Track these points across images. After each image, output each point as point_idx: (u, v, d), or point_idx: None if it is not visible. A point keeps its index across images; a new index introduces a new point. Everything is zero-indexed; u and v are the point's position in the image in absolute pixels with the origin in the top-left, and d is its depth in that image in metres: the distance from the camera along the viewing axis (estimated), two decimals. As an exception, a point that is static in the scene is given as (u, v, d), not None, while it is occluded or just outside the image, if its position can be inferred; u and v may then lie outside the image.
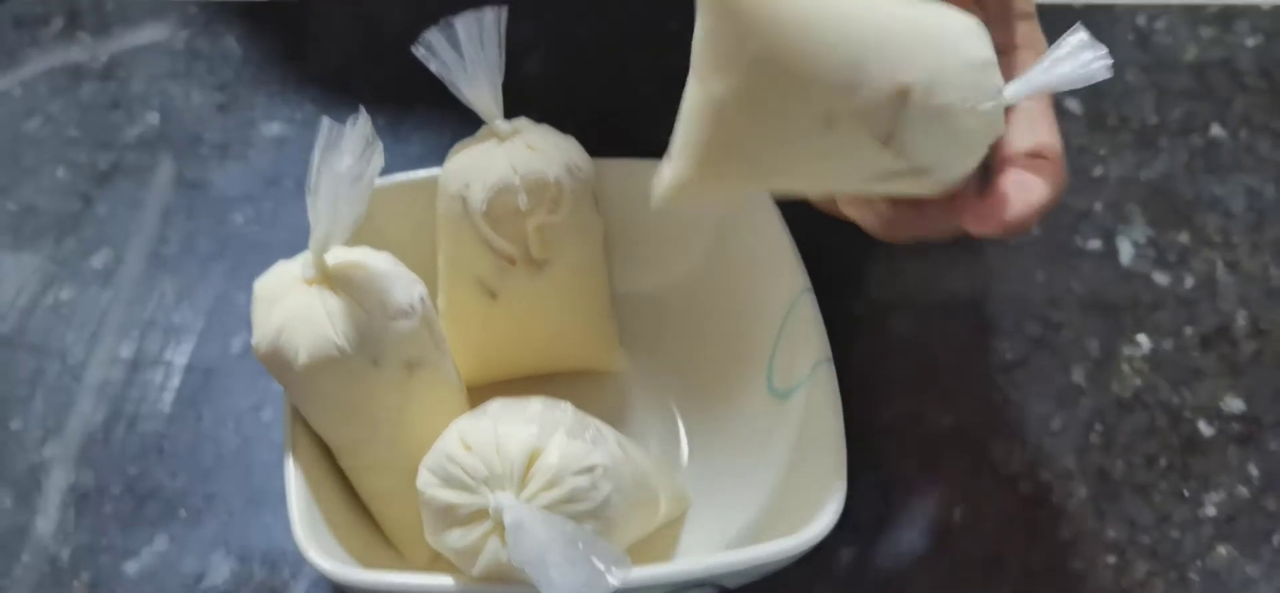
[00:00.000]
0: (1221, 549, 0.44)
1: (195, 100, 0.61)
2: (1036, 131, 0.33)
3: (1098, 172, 0.57)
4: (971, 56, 0.30)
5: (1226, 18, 0.65)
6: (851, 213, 0.36)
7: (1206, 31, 0.64)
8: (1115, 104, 0.60)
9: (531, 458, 0.34)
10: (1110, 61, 0.31)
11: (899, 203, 0.33)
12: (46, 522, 0.44)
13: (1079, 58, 0.30)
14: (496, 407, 0.36)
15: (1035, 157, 0.33)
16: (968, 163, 0.31)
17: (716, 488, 0.43)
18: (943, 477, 0.46)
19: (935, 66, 0.29)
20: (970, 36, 0.31)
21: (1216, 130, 0.59)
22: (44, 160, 0.58)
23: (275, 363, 0.37)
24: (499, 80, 0.41)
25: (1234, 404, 0.48)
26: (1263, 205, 0.55)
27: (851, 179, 0.31)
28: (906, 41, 0.29)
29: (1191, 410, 0.48)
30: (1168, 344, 0.50)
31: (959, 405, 0.48)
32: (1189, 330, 0.50)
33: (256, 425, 0.47)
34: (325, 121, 0.35)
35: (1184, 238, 0.54)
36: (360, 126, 0.35)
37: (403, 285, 0.38)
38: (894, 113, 0.29)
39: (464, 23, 0.40)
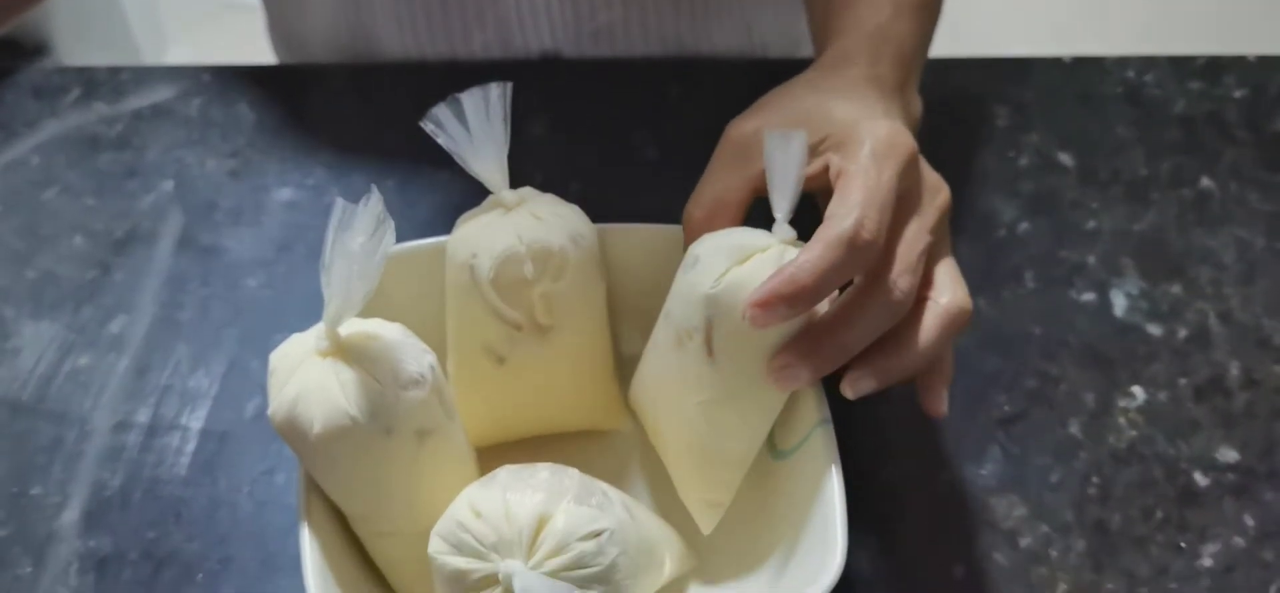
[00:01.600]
0: (1219, 601, 0.45)
1: (209, 167, 0.62)
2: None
3: (1090, 225, 0.58)
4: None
5: (1214, 70, 0.66)
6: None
7: (1195, 84, 0.65)
8: (1107, 159, 0.61)
9: (540, 524, 0.35)
10: (803, 139, 0.39)
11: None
12: (65, 588, 0.45)
13: (787, 154, 0.39)
14: (505, 474, 0.37)
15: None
16: (714, 269, 0.40)
17: (718, 548, 0.44)
18: (944, 534, 0.46)
19: (673, 291, 0.42)
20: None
21: (1206, 182, 0.60)
22: (62, 229, 0.59)
23: (290, 433, 0.38)
24: (504, 154, 0.42)
25: (1229, 455, 0.49)
26: (1253, 256, 0.56)
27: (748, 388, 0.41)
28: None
29: (1187, 462, 0.48)
30: (1162, 396, 0.51)
31: (959, 462, 0.49)
32: (1183, 382, 0.51)
33: (270, 489, 0.48)
34: (339, 202, 0.36)
35: (1176, 289, 0.55)
36: (372, 206, 0.36)
37: (414, 355, 0.39)
38: (701, 324, 0.40)
39: (470, 99, 0.41)
